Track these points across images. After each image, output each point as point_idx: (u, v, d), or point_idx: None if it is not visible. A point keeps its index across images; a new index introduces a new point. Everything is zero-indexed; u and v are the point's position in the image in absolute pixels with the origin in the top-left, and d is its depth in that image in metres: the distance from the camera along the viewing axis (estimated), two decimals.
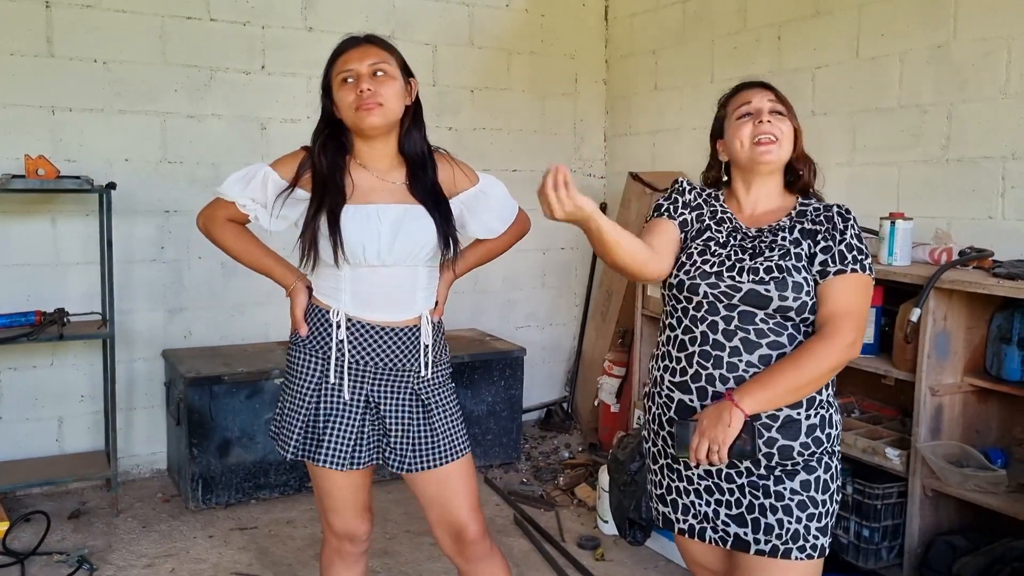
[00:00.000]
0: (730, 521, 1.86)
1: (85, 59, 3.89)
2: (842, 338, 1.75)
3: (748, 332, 1.80)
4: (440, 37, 4.66)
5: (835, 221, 1.84)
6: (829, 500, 1.84)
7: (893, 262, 2.95)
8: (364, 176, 2.07)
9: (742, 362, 1.80)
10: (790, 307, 1.79)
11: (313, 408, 2.09)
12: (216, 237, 2.16)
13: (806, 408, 1.81)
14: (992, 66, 3.07)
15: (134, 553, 3.36)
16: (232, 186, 2.11)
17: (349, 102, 2.01)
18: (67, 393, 4.01)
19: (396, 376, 2.10)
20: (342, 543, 2.22)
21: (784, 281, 1.79)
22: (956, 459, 2.75)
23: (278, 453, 2.16)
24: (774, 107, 1.89)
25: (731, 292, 1.81)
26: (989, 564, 2.60)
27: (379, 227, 2.02)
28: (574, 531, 3.61)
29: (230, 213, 2.13)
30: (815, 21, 3.74)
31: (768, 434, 1.80)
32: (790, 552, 1.80)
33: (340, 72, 2.03)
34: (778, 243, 1.84)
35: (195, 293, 4.22)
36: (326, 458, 2.07)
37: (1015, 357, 2.70)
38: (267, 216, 2.09)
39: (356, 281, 2.05)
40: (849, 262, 1.80)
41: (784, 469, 1.82)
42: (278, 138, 4.26)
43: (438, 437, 2.12)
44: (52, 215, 3.90)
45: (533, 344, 4.83)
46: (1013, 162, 3.03)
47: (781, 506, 1.81)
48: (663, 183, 4.39)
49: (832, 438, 1.86)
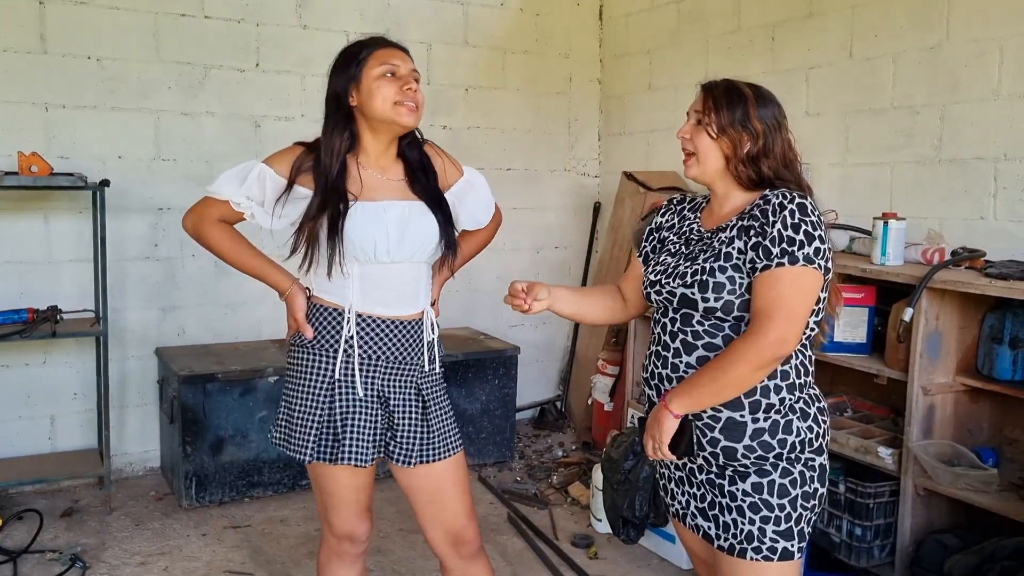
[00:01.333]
0: (697, 514, 1.93)
1: (79, 56, 3.88)
2: (763, 335, 1.71)
3: (687, 334, 1.85)
4: (435, 36, 4.66)
5: (768, 214, 1.77)
6: (791, 505, 1.82)
7: (886, 262, 2.97)
8: (367, 173, 2.07)
9: (682, 363, 1.85)
10: (715, 308, 1.80)
11: (327, 408, 2.06)
12: (207, 239, 2.11)
13: (751, 411, 1.80)
14: (984, 67, 3.09)
15: (127, 551, 3.35)
16: (226, 184, 2.07)
17: (390, 95, 2.00)
18: (60, 391, 4.00)
19: (402, 369, 2.11)
20: (341, 543, 2.21)
21: (706, 283, 1.80)
22: (948, 458, 2.77)
23: (294, 457, 2.09)
24: (698, 117, 1.89)
25: (670, 297, 1.87)
26: (980, 562, 2.61)
27: (386, 224, 2.02)
28: (568, 529, 3.61)
29: (222, 213, 2.08)
30: (809, 22, 3.75)
31: (711, 434, 1.83)
32: (745, 552, 1.83)
33: (382, 64, 2.02)
34: (712, 245, 1.85)
35: (188, 291, 4.21)
36: (348, 455, 2.05)
37: (1006, 357, 2.72)
38: (266, 215, 2.06)
39: (365, 279, 2.04)
40: (776, 256, 1.73)
41: (735, 470, 1.83)
42: (272, 136, 4.26)
43: (435, 432, 2.15)
44: (45, 212, 3.89)
45: (527, 343, 4.84)
46: (1005, 163, 3.04)
47: (735, 506, 1.84)
48: (657, 182, 4.40)
49: (792, 444, 1.81)
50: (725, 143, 1.85)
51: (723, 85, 1.91)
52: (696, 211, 2.01)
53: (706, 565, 2.07)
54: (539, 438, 4.81)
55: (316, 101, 4.29)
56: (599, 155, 5.22)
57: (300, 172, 2.04)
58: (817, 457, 1.86)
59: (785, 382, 1.82)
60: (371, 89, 2.01)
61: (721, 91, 1.89)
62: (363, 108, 2.04)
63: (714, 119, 1.86)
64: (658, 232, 2.06)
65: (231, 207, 2.07)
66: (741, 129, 1.85)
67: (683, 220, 2.02)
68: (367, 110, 2.03)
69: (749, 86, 1.90)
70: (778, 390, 1.81)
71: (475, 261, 2.46)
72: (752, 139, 1.85)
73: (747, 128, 1.84)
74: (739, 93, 1.88)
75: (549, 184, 5.09)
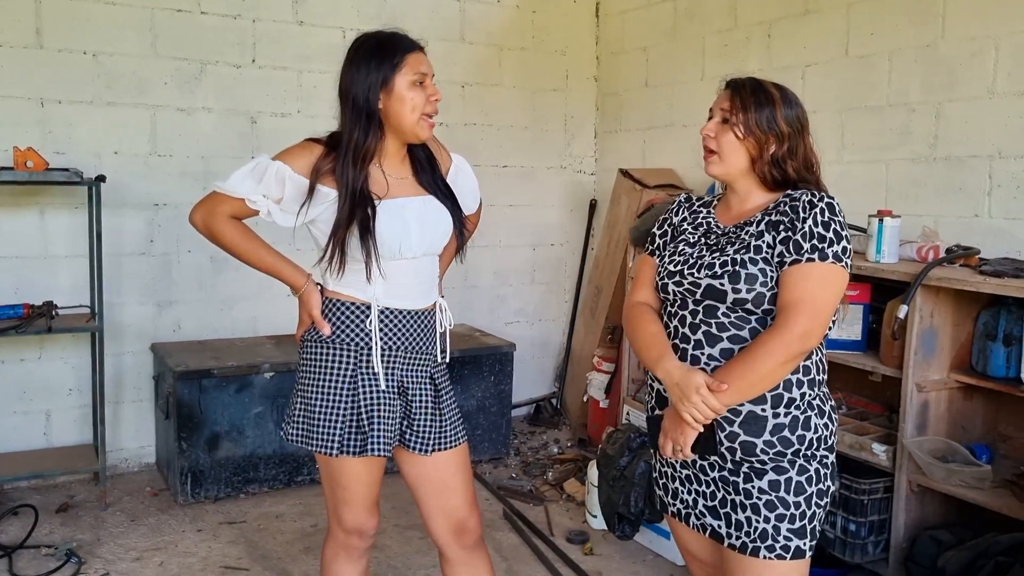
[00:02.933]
0: (706, 512, 1.91)
1: (75, 51, 3.87)
2: (791, 329, 1.72)
3: (710, 326, 1.84)
4: (431, 32, 4.63)
5: (799, 210, 1.79)
6: (806, 503, 1.82)
7: (881, 259, 2.97)
8: (385, 173, 2.07)
9: (704, 355, 1.83)
10: (745, 299, 1.79)
11: (350, 401, 2.06)
12: (218, 235, 2.06)
13: (772, 406, 1.80)
14: (980, 65, 3.10)
15: (122, 547, 3.35)
16: (242, 182, 2.02)
17: (419, 105, 2.00)
18: (55, 386, 4.00)
19: (419, 360, 2.13)
20: (350, 537, 2.21)
21: (737, 274, 1.79)
22: (942, 454, 2.78)
23: (322, 452, 2.07)
24: (724, 115, 1.88)
25: (693, 288, 1.85)
26: (973, 558, 2.62)
27: (408, 221, 2.04)
28: (563, 526, 3.62)
29: (233, 209, 2.05)
30: (805, 19, 3.76)
31: (730, 428, 1.82)
32: (758, 551, 1.82)
33: (415, 72, 2.00)
34: (741, 238, 1.85)
35: (184, 287, 4.21)
36: (375, 447, 2.04)
37: (1000, 354, 2.73)
38: (283, 214, 2.02)
39: (388, 274, 2.04)
40: (806, 251, 1.75)
41: (752, 467, 1.82)
42: (268, 131, 4.26)
43: (447, 421, 2.17)
44: (40, 207, 3.89)
45: (523, 340, 4.84)
46: (1000, 160, 3.05)
47: (750, 504, 1.83)
48: (653, 180, 4.41)
49: (810, 441, 1.82)
50: (751, 144, 1.86)
51: (750, 85, 1.89)
52: (707, 207, 2.01)
53: (704, 566, 2.05)
54: (535, 435, 4.81)
55: (313, 97, 4.37)
56: (595, 152, 5.23)
57: (321, 174, 2.00)
58: (830, 455, 1.87)
59: (807, 377, 1.83)
60: (403, 97, 1.99)
61: (749, 91, 1.88)
62: (388, 113, 2.01)
63: (741, 119, 1.85)
64: (671, 228, 2.03)
65: (245, 204, 2.03)
66: (768, 131, 1.85)
67: (695, 214, 2.01)
68: (392, 117, 2.01)
69: (776, 87, 1.90)
70: (799, 385, 1.82)
71: (472, 258, 2.47)
72: (778, 141, 1.86)
73: (773, 130, 1.85)
74: (767, 94, 1.87)
75: (545, 181, 5.09)
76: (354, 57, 2.03)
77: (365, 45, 2.04)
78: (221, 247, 2.10)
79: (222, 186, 2.04)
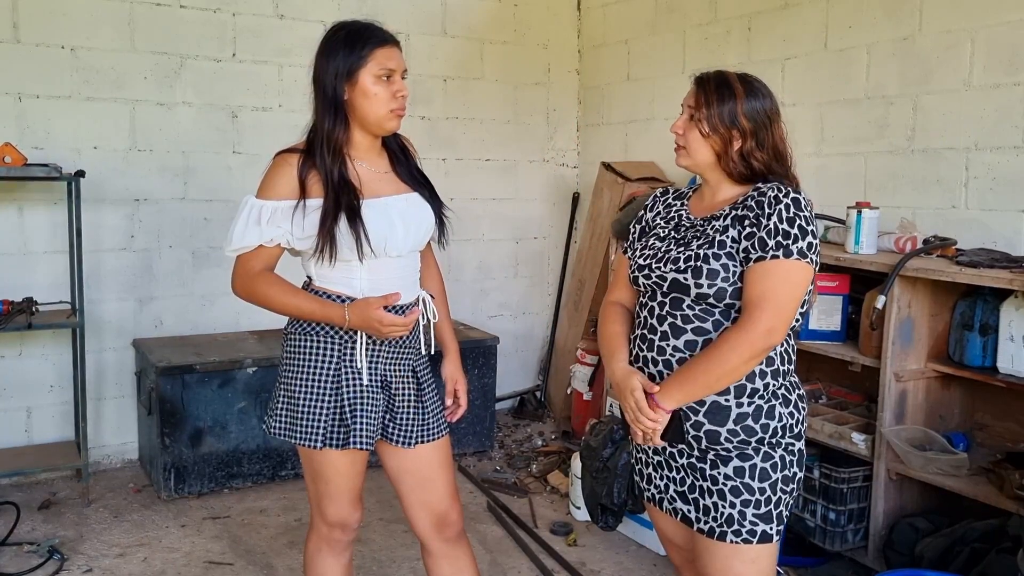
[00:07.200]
0: (676, 497, 1.95)
1: (52, 45, 3.84)
2: (755, 325, 1.75)
3: (676, 318, 1.87)
4: (413, 25, 4.64)
5: (764, 205, 1.80)
6: (771, 489, 1.85)
7: (859, 251, 3.01)
8: (362, 170, 2.06)
9: (669, 346, 1.87)
10: (707, 294, 1.82)
11: (333, 394, 2.06)
12: (261, 297, 2.03)
13: (735, 395, 1.83)
14: (956, 58, 3.13)
15: (106, 543, 3.34)
16: (246, 233, 1.99)
17: (384, 100, 1.99)
18: (36, 383, 3.97)
19: (402, 353, 2.13)
20: (333, 531, 2.21)
21: (699, 269, 1.82)
22: (920, 443, 2.81)
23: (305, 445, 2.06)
24: (691, 112, 1.91)
25: (660, 282, 1.89)
26: (950, 545, 2.67)
27: (393, 220, 2.04)
28: (547, 517, 3.64)
29: (261, 261, 2.02)
30: (784, 13, 3.78)
31: (695, 417, 1.85)
32: (725, 535, 1.85)
33: (382, 67, 1.99)
34: (706, 232, 1.87)
35: (165, 282, 4.19)
36: (357, 440, 2.04)
37: (977, 343, 2.77)
38: (297, 239, 2.01)
39: (373, 270, 2.04)
40: (771, 248, 1.76)
41: (717, 454, 1.86)
42: (249, 126, 4.24)
43: (429, 414, 2.18)
44: (19, 203, 3.85)
45: (506, 333, 4.85)
46: (976, 152, 3.09)
47: (716, 490, 1.86)
48: (635, 173, 4.43)
49: (774, 429, 1.84)
50: (715, 140, 1.88)
51: (715, 80, 1.90)
52: (682, 199, 2.03)
53: (680, 550, 2.09)
54: (519, 427, 4.83)
55: (294, 91, 4.35)
56: (578, 145, 5.24)
57: (305, 184, 1.99)
58: (796, 442, 1.90)
59: (770, 368, 1.85)
60: (367, 91, 1.99)
61: (713, 87, 1.89)
62: (354, 105, 2.01)
63: (704, 115, 1.87)
64: (643, 224, 2.07)
65: (265, 248, 2.02)
66: (730, 126, 1.86)
67: (668, 208, 2.03)
68: (358, 110, 2.01)
69: (741, 80, 1.90)
70: (763, 375, 1.84)
71: (455, 252, 2.48)
72: (741, 136, 1.87)
73: (736, 125, 1.86)
74: (730, 89, 1.88)
75: (528, 175, 5.10)
76: (325, 46, 2.03)
77: (337, 35, 2.04)
78: (265, 307, 2.06)
79: (235, 247, 2.02)
